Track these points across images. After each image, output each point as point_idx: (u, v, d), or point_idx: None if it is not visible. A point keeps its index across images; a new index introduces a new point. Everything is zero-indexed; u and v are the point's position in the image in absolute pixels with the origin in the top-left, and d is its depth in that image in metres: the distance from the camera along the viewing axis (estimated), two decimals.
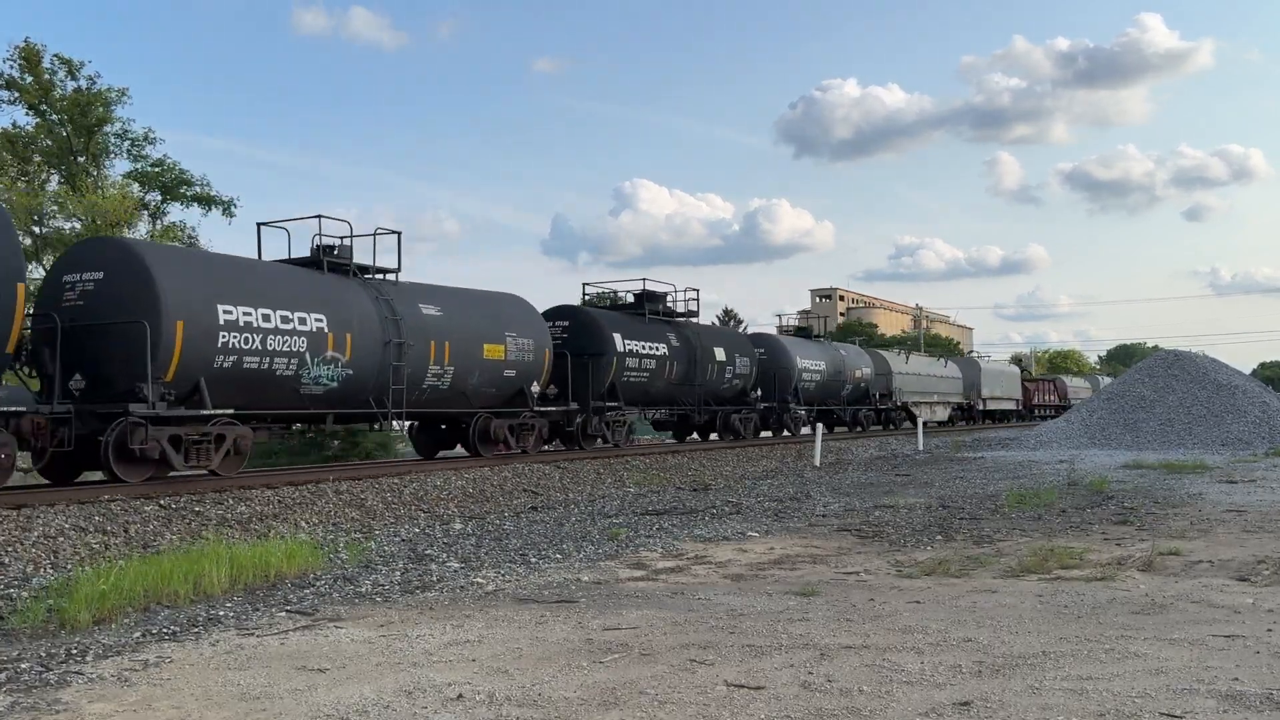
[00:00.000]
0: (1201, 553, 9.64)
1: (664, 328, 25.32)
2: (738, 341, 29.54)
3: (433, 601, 7.84)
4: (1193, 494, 15.11)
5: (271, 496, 13.55)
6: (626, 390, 23.20)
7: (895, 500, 14.99)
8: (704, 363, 26.21)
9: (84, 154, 33.12)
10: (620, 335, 23.06)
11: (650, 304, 25.74)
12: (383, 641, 6.38)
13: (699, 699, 5.02)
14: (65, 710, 4.99)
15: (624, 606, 7.48)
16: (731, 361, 27.57)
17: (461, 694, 5.14)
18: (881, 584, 8.37)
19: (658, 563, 9.70)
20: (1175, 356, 32.78)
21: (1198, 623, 6.60)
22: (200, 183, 35.73)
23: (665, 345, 24.79)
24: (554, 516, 13.87)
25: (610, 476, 19.23)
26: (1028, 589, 7.95)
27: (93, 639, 6.56)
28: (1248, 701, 4.83)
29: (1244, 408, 28.41)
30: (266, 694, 5.22)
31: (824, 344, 36.18)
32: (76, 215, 31.67)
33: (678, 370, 25.13)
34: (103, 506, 11.70)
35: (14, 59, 31.87)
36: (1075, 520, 12.33)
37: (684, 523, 12.82)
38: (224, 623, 7.06)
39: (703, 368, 26.14)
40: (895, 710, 4.79)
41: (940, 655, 5.80)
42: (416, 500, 14.92)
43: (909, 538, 11.12)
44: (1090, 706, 4.77)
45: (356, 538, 11.80)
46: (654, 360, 24.17)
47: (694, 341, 26.13)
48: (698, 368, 25.92)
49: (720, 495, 16.53)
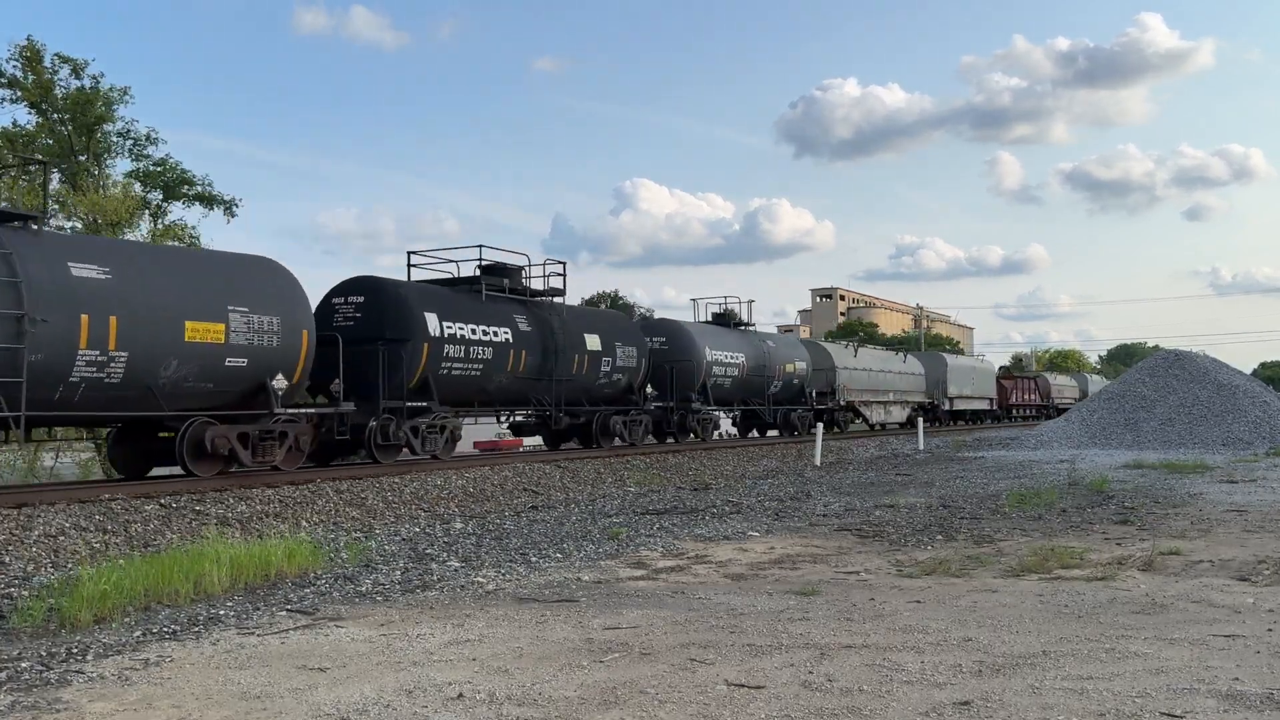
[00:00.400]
0: (1202, 552, 9.64)
1: (511, 308, 20.34)
2: (619, 328, 24.22)
3: (433, 601, 7.84)
4: (1193, 494, 15.11)
5: (272, 495, 13.55)
6: (448, 386, 18.35)
7: (896, 500, 14.98)
8: (569, 353, 21.32)
9: (85, 153, 33.13)
10: (436, 315, 18.04)
11: (493, 278, 20.51)
12: (383, 641, 6.38)
13: (699, 698, 5.01)
14: (66, 709, 4.99)
15: (624, 606, 7.48)
16: (610, 352, 22.70)
17: (462, 693, 5.14)
18: (882, 583, 8.37)
19: (658, 562, 9.70)
20: (1176, 356, 32.76)
21: (1198, 622, 6.60)
22: (202, 182, 35.74)
23: (510, 330, 19.82)
24: (554, 516, 13.87)
25: (611, 476, 19.23)
26: (1028, 589, 7.94)
27: (93, 638, 6.56)
28: (1248, 701, 4.82)
29: (1245, 408, 28.40)
30: (267, 693, 5.22)
31: (746, 333, 30.39)
32: (77, 214, 31.67)
33: (529, 361, 20.25)
34: (103, 506, 11.70)
35: (15, 57, 31.88)
36: (1076, 520, 12.33)
37: (684, 522, 12.82)
38: (224, 622, 7.06)
39: (567, 359, 21.24)
40: (895, 710, 4.79)
41: (940, 655, 5.80)
42: (417, 499, 14.92)
43: (909, 537, 11.12)
44: (1090, 706, 4.77)
45: (357, 537, 11.79)
46: (491, 348, 19.19)
47: (554, 326, 21.15)
48: (559, 359, 20.98)
49: (720, 495, 16.53)
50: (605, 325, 23.58)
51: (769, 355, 30.30)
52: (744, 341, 29.55)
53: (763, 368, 29.74)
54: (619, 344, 23.23)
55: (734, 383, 28.50)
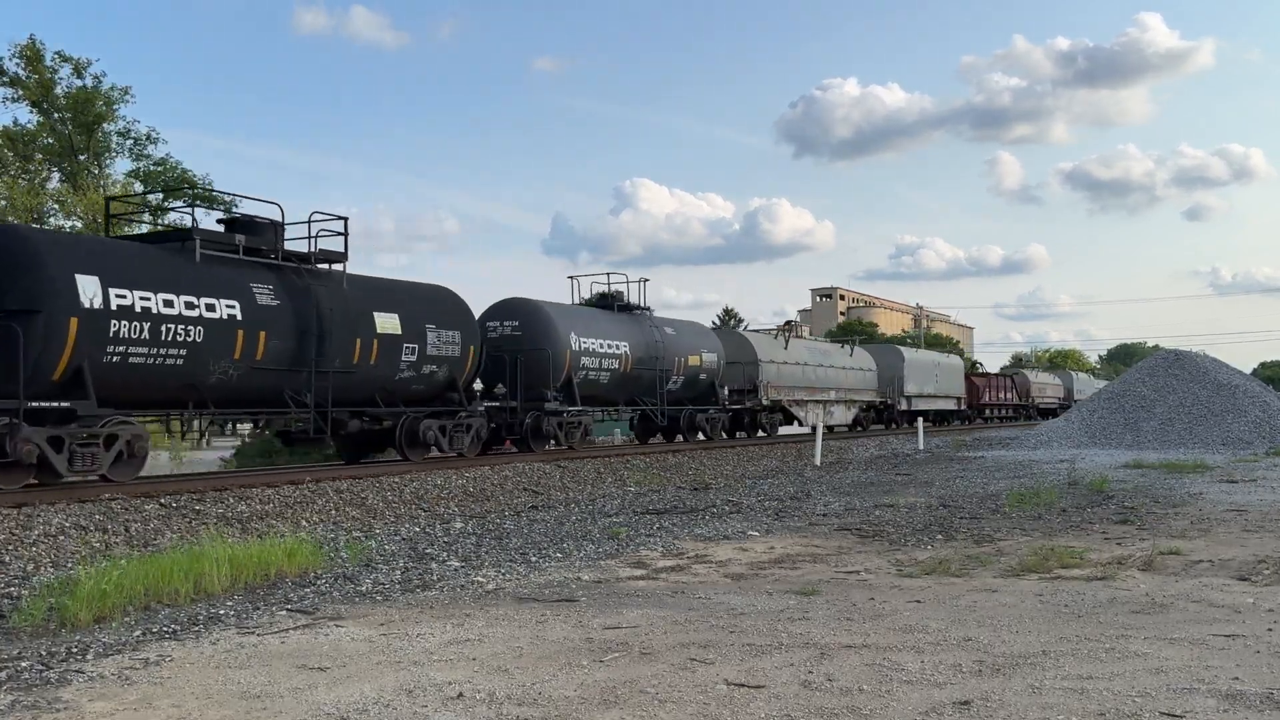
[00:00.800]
0: (1202, 552, 9.64)
1: (249, 275, 15.15)
2: (435, 307, 18.54)
3: (433, 600, 7.84)
4: (1193, 493, 15.11)
5: (272, 495, 13.56)
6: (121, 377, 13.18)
7: (895, 499, 14.98)
8: (346, 337, 16.25)
9: (85, 152, 33.13)
10: (98, 280, 12.78)
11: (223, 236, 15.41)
12: (383, 640, 6.38)
13: (699, 698, 5.01)
14: (66, 709, 4.99)
15: (624, 605, 7.48)
16: (415, 337, 17.56)
17: (462, 693, 5.14)
18: (882, 583, 8.37)
19: (658, 562, 9.70)
20: (1176, 356, 32.76)
21: (1198, 622, 6.60)
22: (202, 182, 35.78)
23: (240, 303, 14.61)
24: (554, 515, 13.87)
25: (611, 476, 19.23)
26: (1028, 588, 7.95)
27: (93, 637, 6.56)
28: (1248, 701, 4.82)
29: (1244, 407, 28.40)
30: (267, 693, 5.22)
31: (634, 318, 25.36)
32: (76, 214, 31.69)
33: (280, 349, 15.21)
34: (103, 505, 11.70)
35: (15, 56, 31.89)
36: (1076, 520, 12.33)
37: (684, 522, 12.82)
38: (224, 621, 7.06)
39: (343, 345, 16.20)
40: (895, 709, 4.79)
41: (940, 654, 5.80)
42: (417, 499, 14.93)
43: (909, 537, 11.12)
44: (1090, 706, 4.77)
45: (357, 536, 11.79)
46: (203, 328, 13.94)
47: (323, 301, 16.04)
48: (330, 343, 15.92)
49: (720, 494, 16.53)
50: (411, 302, 18.06)
51: (664, 345, 25.32)
52: (630, 328, 24.61)
53: (655, 360, 24.77)
54: (433, 327, 18.04)
55: (614, 378, 23.55)
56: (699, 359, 26.90)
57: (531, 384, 21.07)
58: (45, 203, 31.93)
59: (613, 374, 23.57)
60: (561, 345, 21.70)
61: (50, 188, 33.25)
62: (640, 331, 24.97)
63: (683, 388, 26.47)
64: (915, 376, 42.05)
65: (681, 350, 26.25)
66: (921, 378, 42.80)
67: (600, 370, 23.14)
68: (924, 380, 43.02)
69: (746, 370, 29.70)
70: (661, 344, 25.32)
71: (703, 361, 27.04)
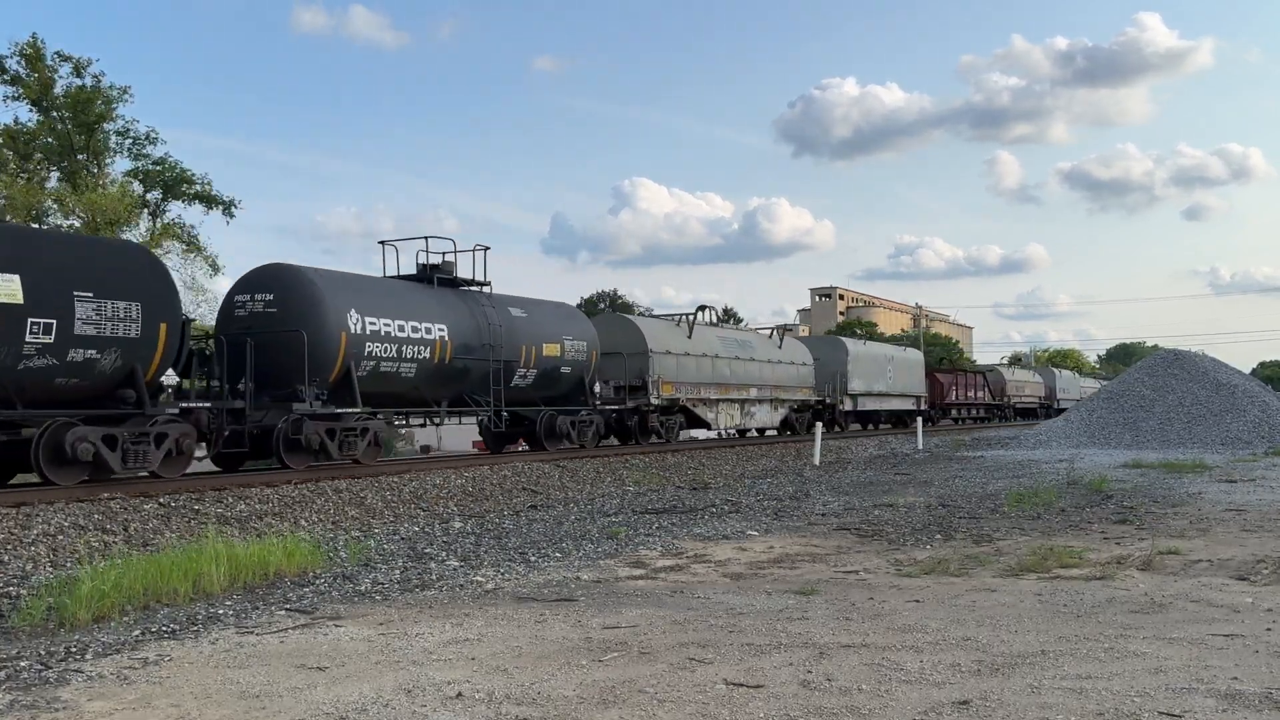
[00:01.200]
0: (1201, 552, 9.64)
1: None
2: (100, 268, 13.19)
3: (432, 600, 7.84)
4: (1192, 493, 15.10)
5: (271, 494, 13.55)
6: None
7: (895, 499, 14.98)
8: None
9: (85, 151, 33.12)
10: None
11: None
12: (382, 640, 6.38)
13: (698, 698, 5.01)
14: (64, 708, 4.99)
15: (623, 605, 7.48)
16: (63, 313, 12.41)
17: (461, 692, 5.14)
18: (881, 583, 8.37)
19: (657, 561, 9.70)
20: (1175, 356, 32.77)
21: (1197, 622, 6.60)
22: (201, 181, 35.76)
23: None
24: (553, 515, 13.87)
25: (610, 475, 19.23)
26: (1027, 588, 7.94)
27: (92, 637, 6.55)
28: (1247, 701, 4.82)
29: (1243, 407, 28.41)
30: (266, 692, 5.22)
31: (461, 295, 20.16)
32: (76, 213, 31.67)
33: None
34: (102, 505, 11.70)
35: (15, 54, 31.87)
36: (1075, 519, 12.33)
37: (683, 521, 12.82)
38: (223, 621, 7.05)
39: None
40: (894, 709, 4.78)
41: (939, 654, 5.80)
42: (416, 499, 14.92)
43: (908, 537, 11.12)
44: (1089, 706, 4.77)
45: (356, 536, 11.79)
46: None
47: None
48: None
49: (719, 494, 16.53)
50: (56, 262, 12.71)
51: (505, 330, 20.20)
52: (453, 307, 19.39)
53: (490, 348, 19.68)
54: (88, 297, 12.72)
55: (424, 371, 18.42)
56: (558, 348, 21.97)
57: (280, 378, 16.04)
58: (44, 201, 31.91)
59: (421, 365, 18.28)
60: (331, 326, 16.55)
61: (49, 187, 33.23)
62: (468, 312, 19.70)
63: (536, 383, 21.52)
64: (863, 372, 37.54)
65: (532, 337, 21.21)
66: (870, 374, 38.30)
67: (400, 360, 17.81)
68: (873, 376, 38.56)
69: (633, 363, 24.78)
70: (502, 328, 20.16)
71: (564, 351, 22.13)
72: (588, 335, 23.20)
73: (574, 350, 22.43)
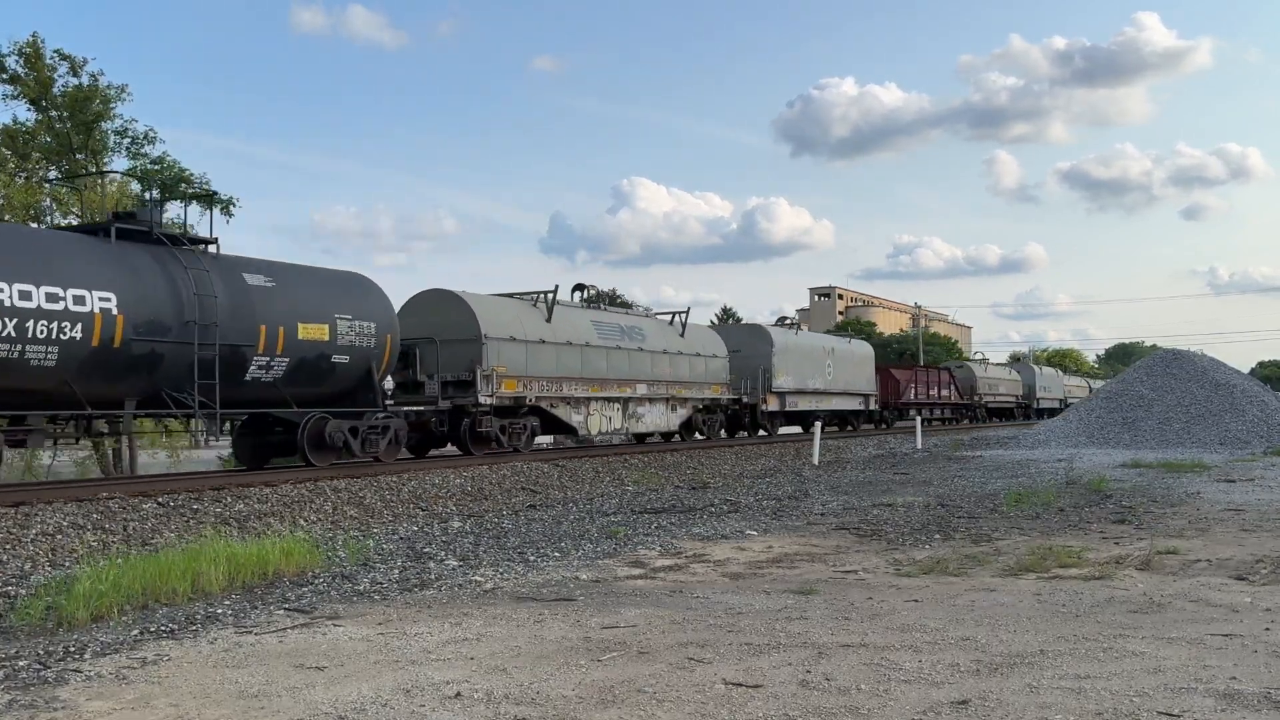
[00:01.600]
0: (1199, 552, 9.65)
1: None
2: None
3: (431, 600, 7.83)
4: (1191, 493, 15.11)
5: (270, 494, 13.55)
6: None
7: (894, 499, 14.98)
8: None
9: (83, 150, 33.11)
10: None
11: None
12: (381, 640, 6.38)
13: (697, 697, 5.01)
14: (63, 708, 4.99)
15: (622, 605, 7.48)
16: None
17: (460, 692, 5.14)
18: (880, 583, 8.37)
19: (656, 561, 9.69)
20: (1174, 355, 32.79)
21: (1196, 621, 6.60)
22: (200, 181, 35.71)
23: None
24: (552, 515, 13.87)
25: (609, 475, 19.23)
26: (1026, 588, 7.95)
27: (91, 637, 6.55)
28: (1245, 700, 4.83)
29: (1242, 407, 28.43)
30: (264, 692, 5.21)
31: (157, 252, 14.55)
32: (74, 212, 31.65)
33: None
34: (101, 504, 11.69)
35: (14, 53, 31.85)
36: (1073, 519, 12.33)
37: (682, 521, 12.82)
38: (222, 621, 7.05)
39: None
40: (893, 708, 4.79)
41: (938, 654, 5.80)
42: (415, 498, 14.92)
43: (907, 536, 11.12)
44: (1088, 705, 4.77)
45: (355, 536, 11.79)
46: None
47: None
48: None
49: (719, 494, 16.52)
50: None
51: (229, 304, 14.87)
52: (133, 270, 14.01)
53: (203, 328, 14.39)
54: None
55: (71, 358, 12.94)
56: (325, 330, 16.31)
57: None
58: (43, 200, 31.90)
59: (68, 350, 12.91)
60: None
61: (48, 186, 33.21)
62: (163, 277, 14.32)
63: (291, 378, 15.97)
64: (793, 366, 31.75)
65: (280, 314, 15.68)
66: (803, 368, 32.48)
67: (26, 342, 12.46)
68: (808, 372, 32.84)
69: (461, 351, 19.71)
70: (223, 300, 14.79)
71: (335, 334, 16.47)
72: (378, 314, 17.52)
73: (353, 333, 16.81)
